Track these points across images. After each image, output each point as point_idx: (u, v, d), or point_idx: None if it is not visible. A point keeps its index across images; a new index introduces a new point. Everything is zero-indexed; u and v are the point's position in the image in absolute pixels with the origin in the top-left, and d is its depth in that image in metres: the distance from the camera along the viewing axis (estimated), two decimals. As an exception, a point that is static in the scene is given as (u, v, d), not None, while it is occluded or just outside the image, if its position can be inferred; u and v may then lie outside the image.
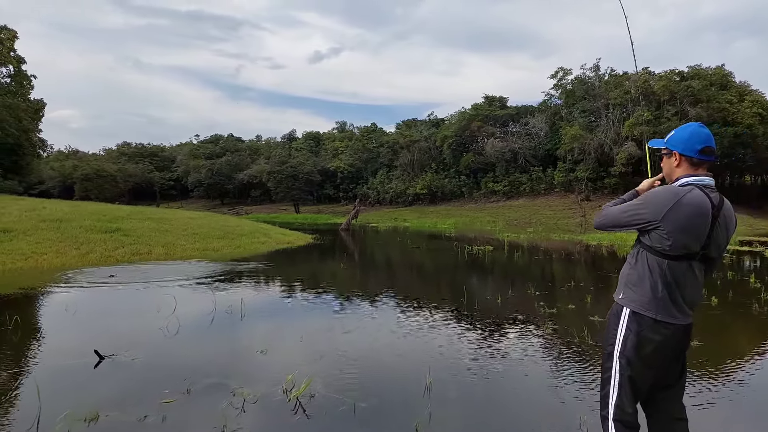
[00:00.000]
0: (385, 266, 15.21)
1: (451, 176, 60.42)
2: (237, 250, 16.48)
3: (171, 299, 7.79)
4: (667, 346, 2.29)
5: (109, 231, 15.13)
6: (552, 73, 56.23)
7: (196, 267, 12.34)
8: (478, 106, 60.51)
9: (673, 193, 2.24)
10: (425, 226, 39.70)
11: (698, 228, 2.21)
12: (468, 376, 4.68)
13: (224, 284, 9.81)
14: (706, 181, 2.30)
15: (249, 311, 7.38)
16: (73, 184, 71.91)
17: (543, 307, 7.91)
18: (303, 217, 52.16)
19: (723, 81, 46.76)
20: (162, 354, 5.32)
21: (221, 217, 24.40)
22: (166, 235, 16.26)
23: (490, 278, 12.57)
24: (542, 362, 5.20)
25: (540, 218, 42.58)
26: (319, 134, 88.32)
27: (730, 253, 16.60)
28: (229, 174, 77.65)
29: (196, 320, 6.91)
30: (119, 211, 18.52)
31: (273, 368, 4.82)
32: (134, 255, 13.63)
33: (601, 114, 49.63)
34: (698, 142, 2.31)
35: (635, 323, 2.31)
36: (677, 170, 2.37)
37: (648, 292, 2.29)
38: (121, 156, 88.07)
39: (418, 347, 5.68)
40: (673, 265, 2.26)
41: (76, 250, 12.96)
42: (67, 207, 18.18)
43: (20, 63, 36.86)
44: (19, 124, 33.80)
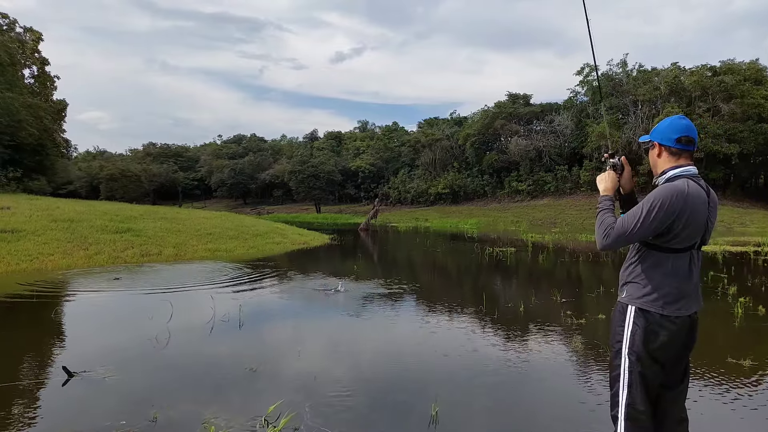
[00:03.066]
0: (402, 269, 14.57)
1: (473, 175, 59.37)
2: (250, 251, 16.03)
3: (168, 305, 7.28)
4: (675, 339, 2.28)
5: (119, 231, 14.82)
6: (578, 69, 54.79)
7: (204, 269, 11.90)
8: (502, 103, 59.26)
9: (678, 192, 2.24)
10: (447, 227, 38.92)
11: (702, 218, 2.28)
12: (479, 407, 4.01)
13: (228, 288, 9.30)
14: (692, 171, 2.34)
15: (248, 319, 6.83)
16: (100, 185, 73.02)
17: (570, 317, 7.18)
18: (323, 217, 51.80)
19: (758, 76, 44.80)
20: (140, 370, 4.77)
21: (237, 217, 24.05)
22: (178, 235, 15.90)
23: (512, 283, 11.83)
24: (571, 390, 4.49)
25: (565, 218, 41.39)
26: (341, 134, 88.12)
27: None
28: (252, 174, 77.92)
29: (189, 329, 6.38)
30: (132, 211, 18.27)
31: (259, 391, 4.22)
32: (143, 256, 13.26)
33: (629, 111, 48.08)
34: (675, 131, 2.35)
35: (642, 319, 2.29)
36: (659, 161, 2.41)
37: (653, 289, 2.29)
38: (147, 156, 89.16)
39: (427, 366, 5.03)
40: (677, 258, 2.28)
41: (84, 251, 12.64)
42: (82, 207, 18.00)
43: (44, 64, 37.37)
44: (40, 123, 34.08)
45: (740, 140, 41.46)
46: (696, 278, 2.35)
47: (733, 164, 42.80)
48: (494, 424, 3.71)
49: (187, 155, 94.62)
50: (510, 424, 3.74)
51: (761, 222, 36.69)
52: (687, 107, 44.34)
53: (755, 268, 13.16)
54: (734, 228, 33.93)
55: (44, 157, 36.84)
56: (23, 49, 34.81)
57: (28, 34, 36.25)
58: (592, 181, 47.52)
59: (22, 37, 35.85)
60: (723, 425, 3.80)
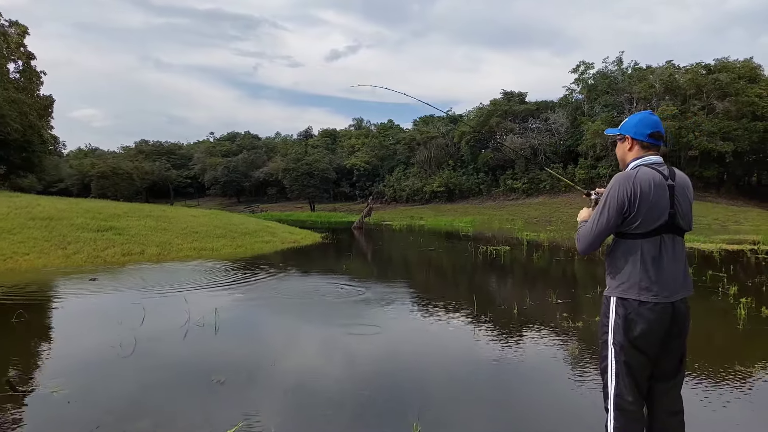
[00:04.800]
0: (393, 269, 14.16)
1: (468, 173, 59.01)
2: (237, 250, 15.57)
3: (140, 309, 6.84)
4: (655, 327, 2.27)
5: (101, 230, 14.33)
6: (573, 67, 54.49)
7: (187, 269, 11.45)
8: (497, 101, 58.91)
9: (626, 177, 2.34)
10: (442, 225, 38.52)
11: (660, 199, 2.29)
12: (465, 426, 3.60)
13: (207, 289, 8.86)
14: (653, 159, 2.42)
15: (225, 324, 6.39)
16: (91, 182, 72.17)
17: (566, 320, 6.79)
18: (317, 215, 51.34)
19: (752, 74, 44.67)
20: (95, 384, 4.33)
21: (226, 215, 23.53)
22: (163, 233, 15.42)
23: (506, 283, 11.45)
24: (567, 394, 4.09)
25: (561, 216, 41.07)
26: (336, 131, 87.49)
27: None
28: (246, 172, 77.24)
29: (159, 335, 5.95)
30: (117, 209, 17.74)
31: (222, 408, 3.79)
32: (124, 255, 12.78)
33: (624, 109, 47.78)
34: (647, 126, 2.44)
35: (622, 308, 2.33)
36: (629, 153, 2.48)
37: (628, 276, 2.32)
38: (139, 154, 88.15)
39: (411, 376, 4.62)
40: (647, 243, 2.31)
41: (62, 250, 12.16)
42: (63, 204, 17.45)
43: (30, 59, 36.59)
44: (25, 119, 33.32)
45: (734, 138, 41.31)
46: (675, 264, 2.33)
47: (728, 162, 42.65)
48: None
49: (180, 153, 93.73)
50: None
51: (756, 220, 36.52)
52: (682, 105, 44.17)
53: (753, 267, 12.84)
54: (729, 226, 33.72)
55: (31, 154, 36.10)
56: (7, 43, 33.98)
57: (13, 27, 35.46)
58: (587, 179, 47.35)
59: (6, 30, 35.02)
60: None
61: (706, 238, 20.47)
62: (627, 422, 2.30)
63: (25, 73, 36.47)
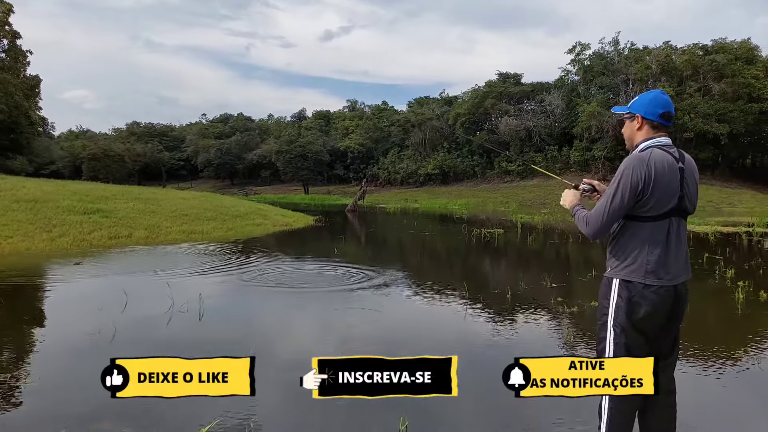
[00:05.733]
0: (385, 252, 13.99)
1: (463, 155, 58.65)
2: (228, 233, 15.33)
3: (123, 295, 6.61)
4: (659, 310, 2.28)
5: (88, 212, 14.03)
6: (569, 48, 53.89)
7: (175, 252, 11.23)
8: (492, 83, 58.26)
9: (640, 159, 2.28)
10: (436, 207, 38.35)
11: (672, 182, 2.27)
12: (455, 424, 3.43)
13: (192, 275, 8.63)
14: (664, 141, 2.36)
15: (209, 310, 6.18)
16: (82, 164, 71.35)
17: (562, 305, 6.63)
18: (311, 198, 51.03)
19: (749, 55, 44.30)
20: (67, 376, 4.13)
21: (217, 198, 23.23)
22: (151, 216, 15.14)
23: (500, 267, 11.30)
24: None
25: (555, 199, 40.60)
26: (330, 113, 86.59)
27: (759, 236, 15.16)
28: (239, 154, 76.51)
29: (141, 322, 5.75)
30: (105, 191, 17.41)
31: (191, 407, 3.59)
32: (111, 238, 12.52)
33: (620, 90, 47.36)
34: (659, 106, 2.37)
35: (626, 290, 2.30)
36: (638, 133, 2.42)
37: (634, 259, 2.29)
38: (131, 135, 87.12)
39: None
40: (655, 226, 2.28)
41: (47, 233, 11.88)
42: (50, 186, 17.10)
43: (15, 38, 35.70)
44: (10, 100, 32.62)
45: (730, 120, 41.16)
46: (679, 247, 2.32)
47: (722, 144, 42.55)
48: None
49: (173, 135, 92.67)
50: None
51: (749, 202, 36.61)
52: (678, 86, 43.83)
53: (749, 250, 12.75)
54: (723, 208, 33.79)
55: (19, 135, 35.46)
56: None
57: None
58: (582, 162, 47.20)
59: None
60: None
61: (701, 221, 20.38)
62: (621, 403, 2.30)
63: (11, 52, 35.58)
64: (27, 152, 39.23)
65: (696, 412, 3.46)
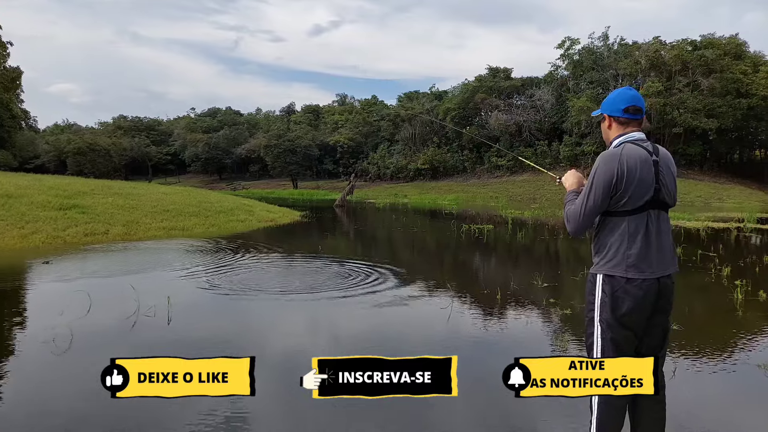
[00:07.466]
0: (371, 250, 13.62)
1: (453, 150, 58.34)
2: (210, 230, 14.89)
3: (85, 296, 6.19)
4: (642, 304, 2.28)
5: (63, 208, 13.53)
6: (559, 42, 53.67)
7: (151, 249, 10.78)
8: (482, 77, 57.92)
9: (611, 155, 2.32)
10: (425, 203, 38.06)
11: (646, 175, 2.27)
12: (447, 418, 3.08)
13: (166, 275, 8.22)
14: (636, 135, 2.38)
15: (179, 314, 5.79)
16: (67, 159, 70.09)
17: (554, 305, 6.32)
18: (299, 193, 50.57)
19: (737, 51, 44.44)
20: (13, 390, 3.73)
21: (201, 193, 22.70)
22: (131, 212, 14.66)
23: (489, 265, 10.98)
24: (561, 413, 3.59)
25: (545, 194, 40.81)
26: (319, 107, 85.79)
27: (750, 231, 14.99)
28: (227, 148, 75.57)
29: (101, 328, 5.35)
30: (83, 186, 16.87)
31: (171, 408, 3.22)
32: (87, 235, 12.05)
33: (609, 85, 47.19)
34: (622, 101, 2.40)
35: (609, 285, 2.31)
36: (610, 132, 2.46)
37: (615, 254, 2.30)
38: (117, 129, 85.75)
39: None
40: (633, 220, 2.29)
41: (19, 230, 11.39)
42: (26, 181, 16.54)
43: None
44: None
45: (719, 115, 41.24)
46: (660, 240, 2.31)
47: (711, 139, 42.63)
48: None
49: (160, 129, 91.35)
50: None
51: (738, 197, 36.71)
52: (667, 81, 43.80)
53: (742, 247, 12.56)
54: (712, 203, 33.83)
55: (0, 128, 34.63)
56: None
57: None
58: (572, 156, 47.10)
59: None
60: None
61: (691, 216, 20.24)
62: (611, 397, 2.26)
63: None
64: (9, 146, 38.35)
65: (697, 411, 3.15)
